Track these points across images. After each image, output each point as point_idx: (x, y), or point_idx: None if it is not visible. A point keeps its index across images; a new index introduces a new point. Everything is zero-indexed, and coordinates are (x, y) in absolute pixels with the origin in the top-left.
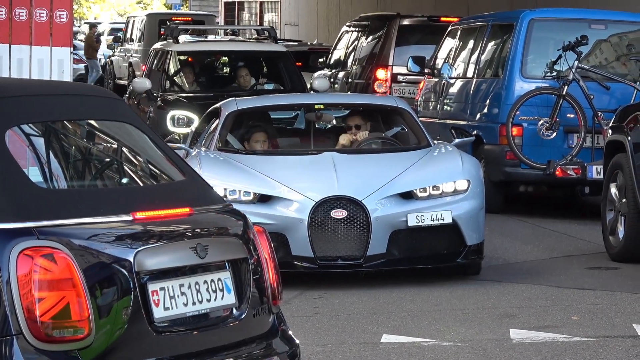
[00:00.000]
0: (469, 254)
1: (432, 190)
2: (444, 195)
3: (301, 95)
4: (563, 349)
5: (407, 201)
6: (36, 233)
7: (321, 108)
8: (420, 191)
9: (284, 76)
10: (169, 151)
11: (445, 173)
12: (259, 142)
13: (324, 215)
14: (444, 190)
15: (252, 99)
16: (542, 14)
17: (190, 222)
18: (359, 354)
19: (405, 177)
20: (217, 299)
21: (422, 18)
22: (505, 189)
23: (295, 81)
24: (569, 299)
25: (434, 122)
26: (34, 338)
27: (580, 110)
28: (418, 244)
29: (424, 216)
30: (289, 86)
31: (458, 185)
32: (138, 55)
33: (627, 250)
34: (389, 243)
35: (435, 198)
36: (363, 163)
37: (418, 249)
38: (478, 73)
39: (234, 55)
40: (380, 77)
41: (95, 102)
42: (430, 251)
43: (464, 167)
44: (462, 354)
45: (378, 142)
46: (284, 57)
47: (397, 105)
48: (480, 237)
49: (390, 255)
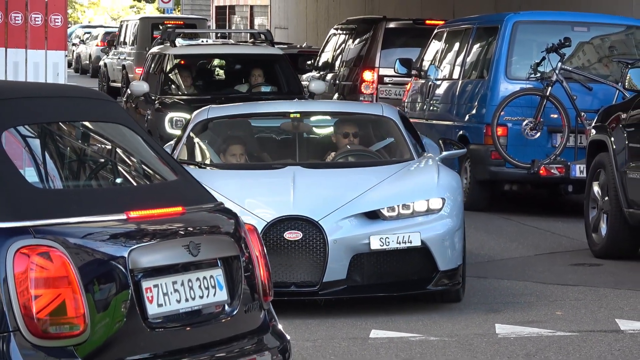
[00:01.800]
0: (442, 280)
1: (402, 210)
2: (415, 215)
3: (281, 102)
4: (547, 343)
5: (372, 222)
6: (32, 232)
7: (297, 117)
8: (388, 210)
9: (281, 79)
10: (161, 152)
11: (418, 190)
12: (235, 155)
13: (277, 236)
14: (416, 209)
15: (226, 107)
16: (526, 16)
17: (182, 220)
18: (348, 349)
19: (371, 195)
20: (209, 295)
21: (408, 21)
22: (491, 187)
23: (292, 84)
24: (553, 295)
25: (421, 122)
26: (31, 334)
27: (564, 110)
28: (383, 269)
29: (389, 238)
30: (285, 89)
31: (431, 203)
32: (131, 58)
33: (610, 247)
34: (350, 268)
35: (405, 218)
36: (328, 179)
37: (383, 274)
38: (464, 75)
39: (232, 58)
40: (367, 79)
41: (89, 104)
42: (397, 277)
43: (439, 183)
44: (449, 349)
45: (356, 155)
46: (281, 59)
47: (382, 114)
48: (456, 262)
49: (352, 281)
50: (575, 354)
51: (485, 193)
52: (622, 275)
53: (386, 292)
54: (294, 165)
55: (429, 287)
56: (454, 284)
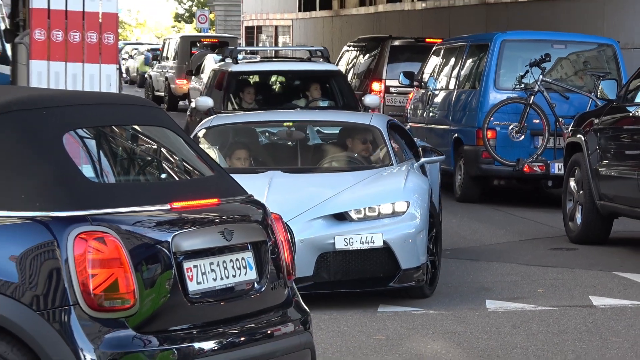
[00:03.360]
0: (404, 278)
1: (368, 212)
2: (381, 217)
3: (279, 112)
4: (531, 316)
5: (338, 223)
6: (89, 220)
7: (290, 125)
8: (355, 213)
9: (336, 93)
10: (200, 151)
11: (384, 194)
12: (240, 159)
13: None
14: (381, 211)
15: (230, 116)
16: (512, 35)
17: (218, 210)
18: (360, 320)
19: (339, 198)
20: (241, 275)
21: (411, 39)
22: (482, 182)
23: (348, 98)
24: (535, 275)
25: (422, 127)
26: (89, 308)
27: (545, 116)
28: (348, 267)
29: (353, 239)
30: (341, 103)
31: (397, 206)
32: (173, 71)
33: (584, 234)
34: (317, 266)
35: (371, 220)
36: (301, 183)
37: (348, 272)
38: (458, 85)
39: (290, 74)
40: (375, 89)
41: (137, 110)
42: (362, 275)
43: (406, 188)
44: (446, 321)
45: (340, 160)
46: (337, 75)
47: (369, 123)
48: (419, 261)
49: (319, 278)
50: (555, 326)
51: (477, 187)
52: (594, 258)
53: (351, 288)
54: (275, 170)
55: (391, 284)
56: (417, 281)
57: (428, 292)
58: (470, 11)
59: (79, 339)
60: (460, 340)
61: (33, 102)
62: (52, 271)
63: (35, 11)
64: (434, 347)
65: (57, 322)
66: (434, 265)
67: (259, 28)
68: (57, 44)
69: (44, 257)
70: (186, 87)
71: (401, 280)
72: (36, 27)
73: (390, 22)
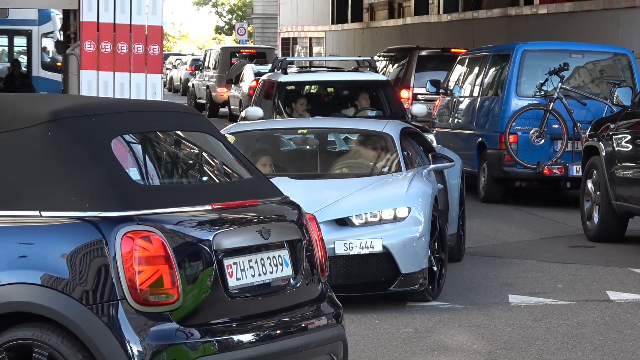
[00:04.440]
0: (405, 282)
1: (369, 218)
2: (382, 222)
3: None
4: (551, 310)
5: (340, 228)
6: (136, 220)
7: (304, 132)
8: (357, 218)
9: (384, 103)
10: (239, 155)
11: (386, 200)
12: (264, 165)
13: None
14: (383, 217)
15: (249, 123)
16: (533, 46)
17: (256, 211)
18: (390, 314)
19: (341, 204)
20: (277, 271)
21: (437, 49)
22: (504, 184)
23: (395, 107)
24: (555, 271)
25: (447, 132)
26: (135, 302)
27: (563, 122)
28: (349, 271)
29: (352, 244)
30: (388, 112)
31: (398, 212)
32: (214, 80)
33: (601, 232)
34: None
35: (372, 225)
36: (305, 189)
37: (350, 276)
38: (482, 93)
39: (339, 84)
40: (403, 97)
41: (180, 116)
42: (362, 279)
43: (408, 193)
44: (471, 314)
45: (351, 167)
46: (385, 85)
47: (382, 131)
48: (420, 266)
49: None
50: (574, 319)
51: (500, 188)
52: (611, 255)
53: (352, 292)
54: (282, 176)
55: (391, 288)
56: (419, 284)
57: (431, 296)
58: (493, 23)
59: (126, 332)
60: (485, 332)
61: (83, 109)
62: (100, 268)
63: (86, 24)
64: (459, 339)
65: (106, 315)
66: (440, 270)
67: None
68: (106, 54)
69: (93, 254)
70: (226, 95)
71: (402, 285)
72: (86, 39)
73: (417, 34)
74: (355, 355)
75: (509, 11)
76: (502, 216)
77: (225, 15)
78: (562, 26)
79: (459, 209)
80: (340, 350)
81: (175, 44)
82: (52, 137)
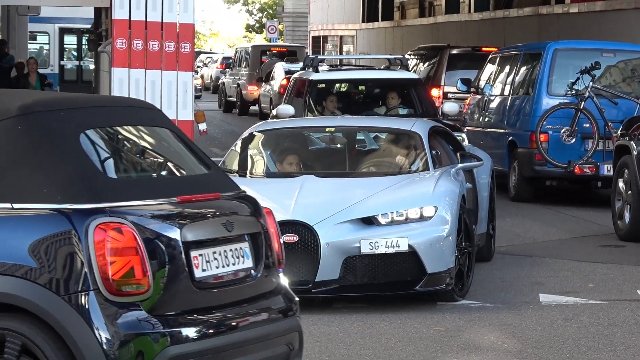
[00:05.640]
0: (431, 282)
1: (396, 216)
2: (409, 221)
3: (326, 118)
4: (582, 309)
5: (365, 227)
6: (107, 212)
7: (332, 131)
8: (382, 217)
9: (415, 101)
10: (198, 150)
11: (413, 199)
12: (287, 164)
13: None
14: (409, 216)
15: (277, 122)
16: (564, 44)
17: (219, 204)
18: (420, 313)
19: (367, 203)
20: (239, 263)
21: (468, 48)
22: (535, 183)
23: (427, 105)
24: (586, 270)
25: (478, 130)
26: (107, 292)
27: (594, 121)
28: (375, 271)
29: (378, 243)
30: (420, 110)
31: (425, 211)
32: (245, 78)
33: (632, 231)
34: (344, 269)
35: (398, 224)
36: (331, 187)
37: (375, 276)
38: (513, 91)
39: (370, 83)
40: (434, 95)
41: (142, 112)
42: (388, 278)
43: (435, 192)
44: (502, 313)
45: (378, 165)
46: (417, 83)
47: (411, 129)
48: (446, 265)
49: (345, 281)
50: (605, 319)
51: (530, 187)
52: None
53: (377, 291)
54: (309, 175)
55: (417, 288)
56: (446, 284)
57: (458, 295)
58: (524, 22)
59: (98, 321)
60: (515, 331)
61: (52, 104)
62: (73, 259)
63: (117, 22)
64: (490, 338)
65: (79, 305)
66: (468, 269)
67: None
68: (137, 52)
69: (65, 246)
70: (256, 93)
71: (428, 284)
72: (118, 36)
73: (448, 32)
74: (385, 354)
75: (540, 10)
76: (532, 215)
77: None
78: (594, 25)
79: (488, 208)
80: (296, 341)
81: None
82: (22, 131)
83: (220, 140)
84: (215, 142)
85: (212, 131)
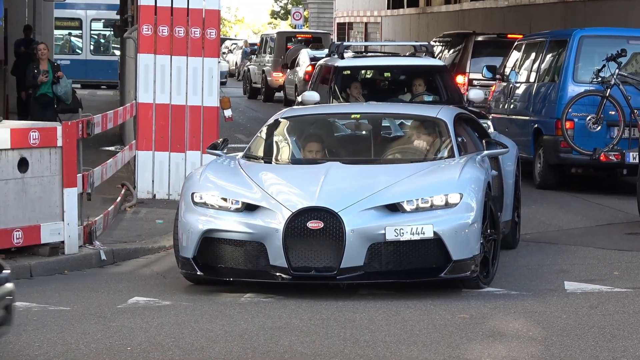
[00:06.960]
0: (456, 269)
1: (421, 203)
2: (434, 208)
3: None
4: (607, 297)
5: (391, 214)
6: None
7: (357, 118)
8: (408, 204)
9: (441, 88)
10: None
11: (438, 186)
12: (312, 151)
13: (300, 226)
14: (435, 203)
15: (302, 109)
16: (590, 32)
17: None
18: (445, 300)
19: (393, 189)
20: None
21: (493, 35)
22: (560, 170)
23: (452, 92)
24: (611, 258)
25: (503, 117)
26: None
27: (620, 108)
28: (400, 257)
29: (403, 229)
30: (445, 97)
31: (450, 198)
32: (270, 64)
33: None
34: (369, 255)
35: (424, 211)
36: (357, 174)
37: (400, 262)
38: (538, 79)
39: (396, 69)
40: (459, 82)
41: None
42: (413, 265)
43: (460, 180)
44: (527, 301)
45: (403, 152)
46: (442, 70)
47: (436, 116)
48: (471, 252)
49: (370, 267)
50: (630, 306)
51: (556, 175)
52: None
53: (402, 278)
54: (334, 162)
55: (442, 275)
56: (470, 271)
57: (483, 283)
58: (550, 8)
59: None
60: (540, 319)
61: None
62: None
63: (143, 8)
64: (515, 325)
65: None
66: (493, 256)
67: (350, 24)
68: (163, 38)
69: None
70: (282, 79)
71: (452, 272)
72: (144, 22)
73: (473, 19)
74: (410, 340)
75: None
76: (557, 203)
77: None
78: (620, 12)
79: (514, 195)
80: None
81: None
82: None
83: (245, 126)
84: (240, 128)
85: (237, 118)
